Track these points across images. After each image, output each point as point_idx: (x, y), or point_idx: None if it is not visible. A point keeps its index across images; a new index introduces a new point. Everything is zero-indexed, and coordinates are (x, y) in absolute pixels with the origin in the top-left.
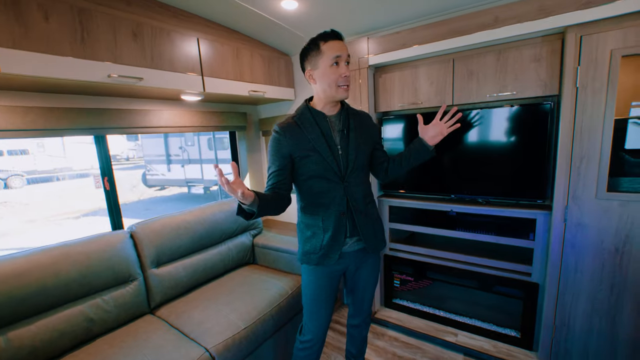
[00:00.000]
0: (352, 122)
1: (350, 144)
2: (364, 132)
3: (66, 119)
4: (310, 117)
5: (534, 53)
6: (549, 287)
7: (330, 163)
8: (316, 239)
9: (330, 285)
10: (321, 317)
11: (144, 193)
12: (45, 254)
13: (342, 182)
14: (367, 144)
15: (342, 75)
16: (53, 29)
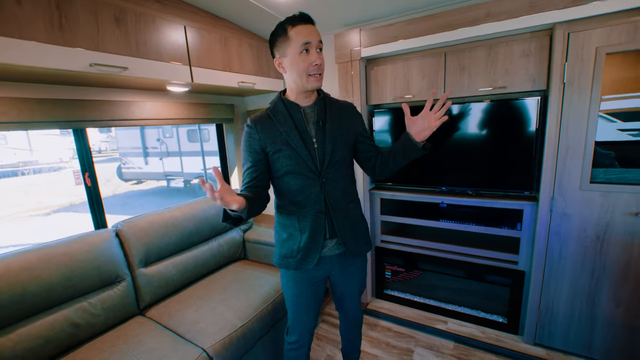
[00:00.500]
0: (328, 113)
1: (326, 136)
2: (344, 123)
3: (41, 111)
4: (284, 108)
5: (523, 48)
6: (535, 274)
7: (304, 157)
8: (293, 240)
9: (311, 291)
10: (303, 322)
11: (119, 187)
12: (24, 257)
13: (319, 178)
14: (346, 135)
15: (312, 64)
16: (26, 12)
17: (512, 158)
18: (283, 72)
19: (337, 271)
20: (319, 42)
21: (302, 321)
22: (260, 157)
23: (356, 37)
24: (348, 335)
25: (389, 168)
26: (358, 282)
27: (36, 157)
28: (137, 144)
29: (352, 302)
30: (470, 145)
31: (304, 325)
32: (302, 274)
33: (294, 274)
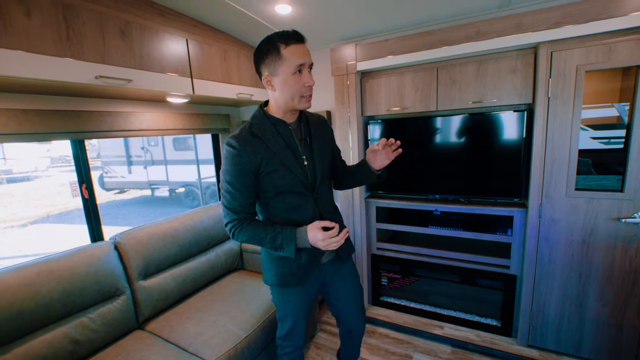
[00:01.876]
0: (312, 129)
1: (314, 154)
2: (324, 138)
3: (41, 122)
4: (271, 126)
5: (510, 65)
6: (526, 278)
7: (299, 176)
8: (289, 259)
9: (309, 301)
10: (301, 330)
11: (100, 196)
12: (23, 273)
13: (313, 195)
14: (328, 150)
15: (305, 85)
16: (35, 25)
17: (501, 167)
18: (271, 91)
19: (331, 276)
20: (311, 63)
21: (300, 330)
22: (253, 179)
23: (352, 51)
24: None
25: (350, 185)
26: (353, 284)
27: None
28: (121, 152)
29: (353, 307)
30: (462, 156)
31: (301, 333)
32: (302, 288)
33: (293, 290)
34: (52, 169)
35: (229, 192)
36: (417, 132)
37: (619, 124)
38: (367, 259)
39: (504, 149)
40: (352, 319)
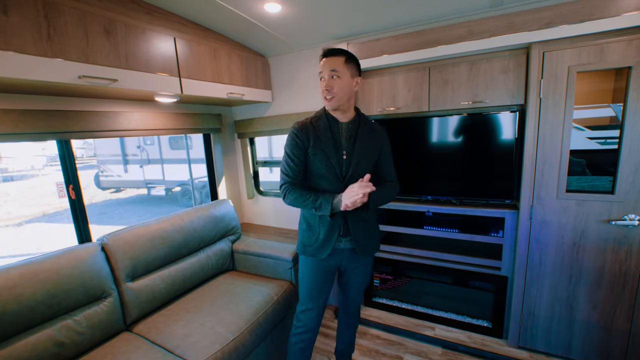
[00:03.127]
0: (360, 131)
1: (355, 151)
2: (372, 142)
3: (25, 122)
4: (326, 121)
5: (502, 65)
6: (517, 280)
7: (334, 164)
8: (312, 232)
9: (323, 277)
10: (314, 299)
11: (96, 196)
12: (4, 275)
13: (342, 184)
14: (371, 153)
15: (323, 89)
16: (14, 23)
17: (493, 168)
18: None
19: (348, 262)
20: (330, 71)
21: (313, 297)
22: (304, 154)
23: None
24: (346, 330)
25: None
26: (363, 275)
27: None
28: (117, 151)
29: (354, 291)
30: (454, 156)
31: (315, 302)
32: (318, 262)
33: (311, 260)
34: (48, 167)
35: (286, 161)
36: (409, 132)
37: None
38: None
39: (496, 150)
40: (351, 302)
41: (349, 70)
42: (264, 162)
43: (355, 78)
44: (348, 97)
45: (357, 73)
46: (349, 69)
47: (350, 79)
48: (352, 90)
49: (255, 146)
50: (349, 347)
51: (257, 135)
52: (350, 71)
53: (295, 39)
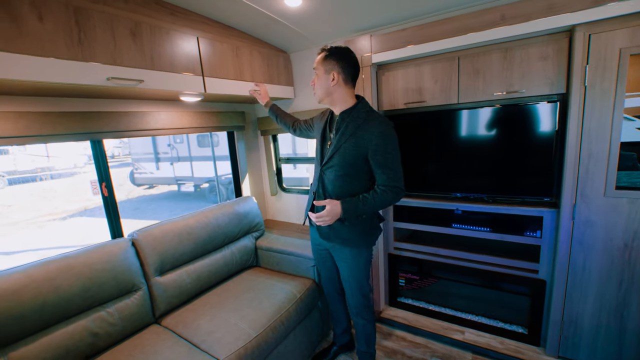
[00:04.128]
0: (344, 126)
1: (338, 142)
2: (355, 138)
3: (62, 124)
4: (329, 112)
5: (540, 51)
6: (557, 284)
7: (318, 149)
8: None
9: (317, 253)
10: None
11: (132, 192)
12: (44, 268)
13: (320, 169)
14: (350, 149)
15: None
16: (48, 29)
17: (530, 164)
18: None
19: (331, 248)
20: (313, 68)
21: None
22: (310, 125)
23: (367, 43)
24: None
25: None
26: (349, 269)
27: (53, 163)
28: (149, 149)
29: (347, 286)
30: (486, 151)
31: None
32: (312, 236)
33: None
34: (89, 165)
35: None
36: (436, 126)
37: None
38: (384, 258)
39: (533, 144)
40: (349, 298)
41: (324, 67)
42: (287, 159)
43: (331, 73)
44: (325, 92)
45: (334, 68)
46: (324, 65)
47: (324, 75)
48: (329, 85)
49: (278, 143)
50: (365, 347)
51: (281, 132)
52: (325, 67)
53: (317, 33)
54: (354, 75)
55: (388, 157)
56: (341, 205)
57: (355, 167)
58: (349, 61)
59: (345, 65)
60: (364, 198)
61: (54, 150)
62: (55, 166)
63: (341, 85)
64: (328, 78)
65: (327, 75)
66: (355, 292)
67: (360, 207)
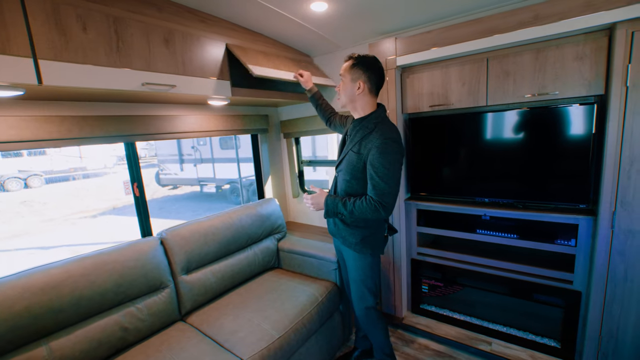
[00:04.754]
0: (353, 133)
1: (348, 147)
2: (358, 147)
3: (99, 127)
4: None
5: (576, 51)
6: (594, 296)
7: (339, 151)
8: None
9: (338, 253)
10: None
11: (157, 192)
12: (80, 264)
13: (336, 171)
14: (354, 155)
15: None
16: (91, 39)
17: (563, 169)
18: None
19: (339, 247)
20: (339, 74)
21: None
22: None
23: (391, 45)
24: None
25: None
26: (352, 271)
27: (85, 163)
28: (174, 151)
29: (351, 288)
30: (516, 155)
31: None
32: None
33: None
34: (118, 166)
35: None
36: (464, 129)
37: None
38: (406, 264)
39: (567, 148)
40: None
41: (351, 75)
42: (308, 162)
43: (356, 82)
44: (350, 99)
45: (361, 77)
46: (351, 74)
47: (350, 83)
48: (354, 93)
49: (300, 146)
50: (380, 354)
51: (303, 135)
52: (352, 75)
53: (341, 37)
54: (379, 85)
55: (379, 171)
56: (325, 199)
57: (357, 174)
58: (375, 71)
59: (372, 75)
60: (345, 201)
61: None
62: (87, 167)
63: (366, 94)
64: (354, 86)
65: (353, 84)
66: (355, 295)
67: (339, 208)
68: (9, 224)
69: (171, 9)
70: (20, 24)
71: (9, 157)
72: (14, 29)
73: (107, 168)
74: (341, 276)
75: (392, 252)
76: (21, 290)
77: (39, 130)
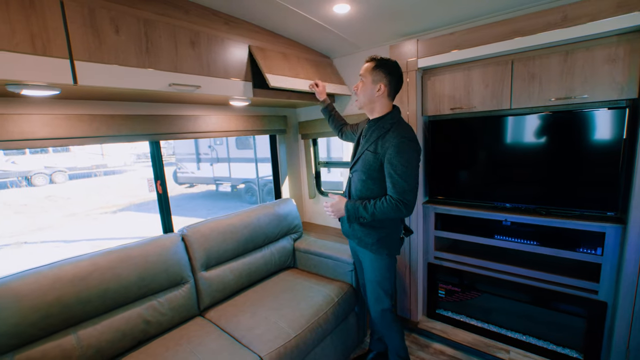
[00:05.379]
0: (369, 133)
1: (362, 147)
2: (374, 146)
3: (126, 126)
4: (365, 119)
5: (608, 53)
6: (622, 308)
7: (353, 152)
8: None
9: (354, 255)
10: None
11: (174, 190)
12: (107, 257)
13: (350, 171)
14: (370, 155)
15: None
16: (122, 41)
17: (590, 175)
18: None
19: (354, 248)
20: (359, 75)
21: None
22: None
23: (413, 47)
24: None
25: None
26: (366, 272)
27: (106, 160)
28: (191, 150)
29: (367, 289)
30: (540, 160)
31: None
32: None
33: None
34: (137, 164)
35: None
36: (486, 132)
37: None
38: (422, 268)
39: (595, 153)
40: (368, 302)
41: (372, 76)
42: (325, 163)
43: (377, 84)
44: (369, 100)
45: (383, 80)
46: (372, 75)
47: (371, 84)
48: (374, 94)
49: (317, 147)
50: (395, 357)
51: (320, 136)
52: (374, 77)
53: (363, 39)
54: (397, 89)
55: (398, 169)
56: (345, 204)
57: (374, 174)
58: (396, 77)
59: (393, 79)
60: (366, 204)
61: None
62: (108, 164)
63: (384, 97)
64: (374, 88)
65: (374, 85)
66: (372, 297)
67: (361, 211)
68: (35, 217)
69: (197, 11)
70: (60, 27)
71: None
72: (54, 32)
73: (127, 166)
74: (357, 278)
75: (408, 256)
76: (52, 280)
77: (70, 128)
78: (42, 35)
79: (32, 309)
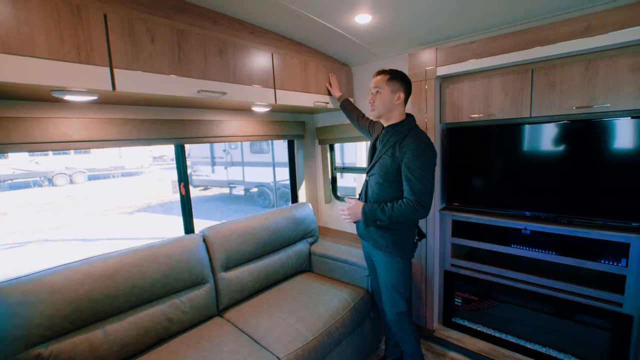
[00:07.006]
0: (387, 138)
1: (380, 152)
2: (392, 151)
3: (155, 130)
4: (380, 124)
5: (632, 62)
6: None
7: (368, 158)
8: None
9: (367, 259)
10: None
11: None
12: (133, 255)
13: (367, 176)
14: (388, 160)
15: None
16: (157, 50)
17: (615, 184)
18: None
19: (369, 251)
20: (374, 87)
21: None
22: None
23: (432, 55)
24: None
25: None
26: (380, 275)
27: (124, 162)
28: (207, 154)
29: (382, 293)
30: (561, 169)
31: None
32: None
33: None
34: (153, 166)
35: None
36: (505, 140)
37: None
38: (439, 275)
39: (619, 163)
40: (384, 307)
41: (390, 87)
42: (342, 168)
43: (397, 93)
44: (388, 109)
45: (400, 89)
46: (389, 86)
47: (390, 94)
48: (393, 103)
49: (334, 152)
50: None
51: (337, 142)
52: (391, 87)
53: (382, 48)
54: (409, 96)
55: (415, 173)
56: (362, 208)
57: (390, 177)
58: (409, 85)
59: (407, 88)
60: (383, 207)
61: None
62: (125, 166)
63: (401, 104)
64: (394, 97)
65: (393, 95)
66: (387, 300)
67: (378, 214)
68: (55, 216)
69: (225, 21)
70: (102, 37)
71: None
72: (97, 42)
73: (144, 168)
74: (371, 282)
75: (424, 263)
76: (83, 276)
77: (104, 131)
78: (86, 45)
79: (65, 302)
